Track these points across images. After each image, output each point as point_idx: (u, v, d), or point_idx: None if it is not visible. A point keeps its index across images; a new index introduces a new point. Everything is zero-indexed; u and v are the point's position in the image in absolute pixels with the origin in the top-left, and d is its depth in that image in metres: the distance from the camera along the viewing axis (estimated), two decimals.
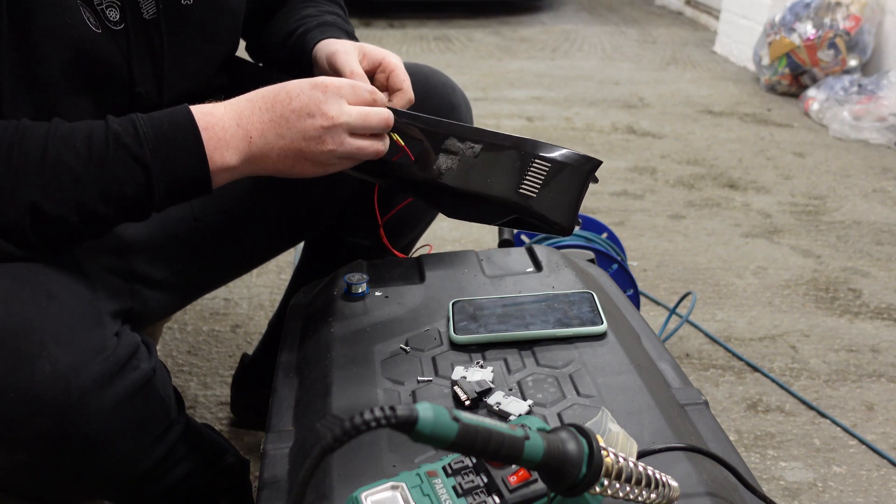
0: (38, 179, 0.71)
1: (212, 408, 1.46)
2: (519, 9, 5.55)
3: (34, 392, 0.69)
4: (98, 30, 0.82)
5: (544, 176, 0.83)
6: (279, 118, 0.77)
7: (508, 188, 0.83)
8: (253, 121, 0.77)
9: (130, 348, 0.78)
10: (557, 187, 0.83)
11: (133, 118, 0.75)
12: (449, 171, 0.86)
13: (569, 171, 0.84)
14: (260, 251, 1.15)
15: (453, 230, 2.17)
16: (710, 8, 5.09)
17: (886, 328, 1.76)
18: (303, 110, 0.77)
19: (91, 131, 0.73)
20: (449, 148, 0.86)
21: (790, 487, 1.30)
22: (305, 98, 0.77)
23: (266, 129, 0.77)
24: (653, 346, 0.90)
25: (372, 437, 0.71)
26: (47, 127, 0.73)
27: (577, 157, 0.84)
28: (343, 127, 0.78)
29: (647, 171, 2.67)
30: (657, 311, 1.81)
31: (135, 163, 0.73)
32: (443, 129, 0.86)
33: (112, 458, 0.78)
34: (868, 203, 2.45)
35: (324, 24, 1.03)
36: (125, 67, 0.85)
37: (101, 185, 0.73)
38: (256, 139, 0.77)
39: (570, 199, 0.84)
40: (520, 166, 0.83)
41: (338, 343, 0.87)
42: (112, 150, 0.73)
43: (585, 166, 0.84)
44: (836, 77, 3.25)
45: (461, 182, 0.86)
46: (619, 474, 0.55)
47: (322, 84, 0.79)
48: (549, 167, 0.83)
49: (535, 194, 0.83)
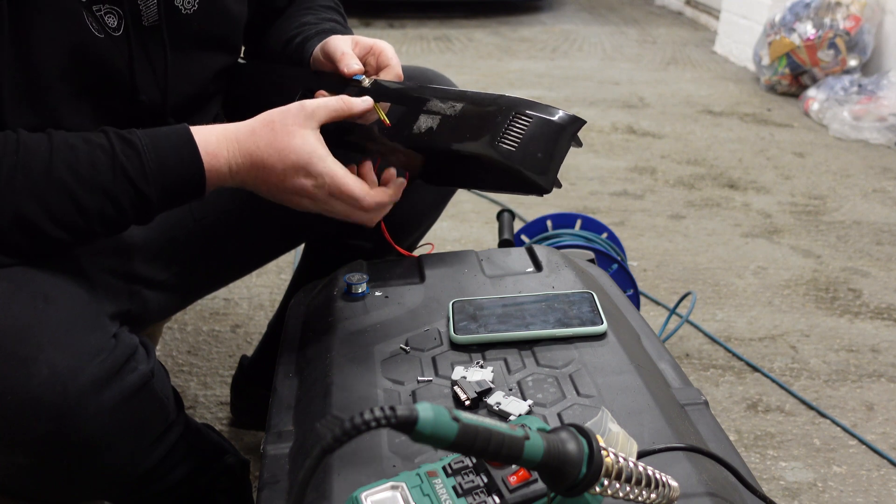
0: (41, 201, 0.72)
1: (212, 408, 1.46)
2: (519, 9, 5.55)
3: (32, 395, 0.69)
4: (100, 35, 0.82)
5: (525, 130, 0.80)
6: (271, 186, 0.81)
7: (487, 143, 0.80)
8: (249, 176, 0.81)
9: (128, 350, 0.78)
10: (538, 143, 0.80)
11: (138, 147, 0.75)
12: (428, 130, 0.83)
13: (551, 127, 0.81)
14: (260, 253, 1.15)
15: (453, 230, 2.17)
16: (710, 8, 5.09)
17: (886, 328, 1.76)
18: (294, 192, 0.81)
19: (95, 159, 0.74)
20: (430, 108, 0.84)
21: (790, 487, 1.30)
22: (298, 186, 0.80)
23: (258, 186, 0.82)
24: (653, 346, 0.90)
25: (372, 437, 0.71)
26: (49, 145, 0.73)
27: (562, 115, 0.82)
28: (325, 209, 0.82)
29: (647, 171, 2.67)
30: (657, 311, 1.81)
31: (138, 197, 0.76)
32: (426, 93, 0.85)
33: (111, 460, 0.78)
34: (868, 203, 2.45)
35: (322, 31, 1.03)
36: (127, 73, 0.86)
37: (104, 213, 0.75)
38: (249, 185, 0.82)
39: (550, 157, 0.81)
40: (500, 121, 0.81)
41: (338, 343, 0.87)
42: (119, 183, 0.74)
43: (568, 124, 0.82)
44: (836, 77, 3.25)
45: (441, 141, 0.83)
46: (619, 474, 0.55)
47: (308, 164, 0.80)
48: (531, 122, 0.80)
49: (515, 148, 0.80)
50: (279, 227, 1.10)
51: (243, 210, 1.04)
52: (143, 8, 0.86)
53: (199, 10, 0.91)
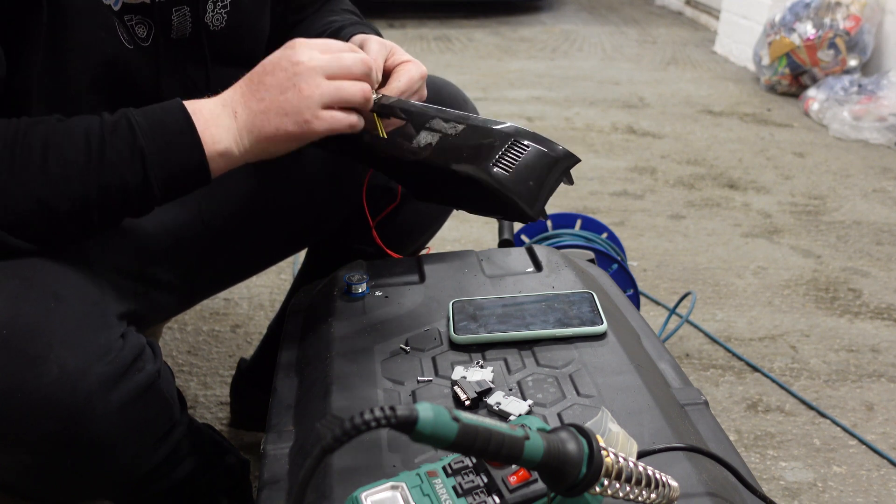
0: (42, 175, 0.72)
1: (212, 408, 1.46)
2: (519, 9, 5.55)
3: (41, 394, 0.69)
4: (130, 45, 0.82)
5: (520, 158, 0.83)
6: (256, 85, 0.79)
7: (482, 166, 0.83)
8: (235, 98, 0.79)
9: (136, 350, 0.78)
10: (531, 172, 0.83)
11: (125, 111, 0.76)
12: (427, 146, 0.85)
13: (546, 158, 0.84)
14: (266, 255, 1.15)
15: (453, 230, 2.17)
16: (710, 8, 5.09)
17: (886, 328, 1.76)
18: (275, 69, 0.78)
19: (88, 125, 0.74)
20: (433, 126, 0.86)
21: (790, 487, 1.30)
22: (276, 58, 0.79)
23: (247, 100, 0.79)
24: (653, 346, 0.90)
25: (372, 437, 0.71)
26: (46, 123, 0.74)
27: (558, 149, 0.85)
28: (316, 71, 0.78)
29: (647, 171, 2.67)
30: (657, 311, 1.81)
31: (130, 151, 0.74)
32: (430, 111, 0.87)
33: (116, 460, 0.78)
34: (868, 203, 2.45)
35: (354, 23, 1.04)
36: (154, 85, 0.86)
37: (102, 178, 0.73)
38: (241, 112, 0.79)
39: (540, 187, 0.83)
40: (497, 145, 0.83)
41: (338, 343, 0.87)
42: (108, 140, 0.73)
43: (563, 160, 0.85)
44: (836, 77, 3.25)
45: (437, 158, 0.85)
46: (619, 474, 0.55)
47: (291, 42, 0.80)
48: (527, 150, 0.83)
49: (508, 173, 0.82)
50: (285, 229, 1.10)
51: (250, 212, 1.04)
52: (175, 22, 0.87)
53: (226, 27, 0.92)
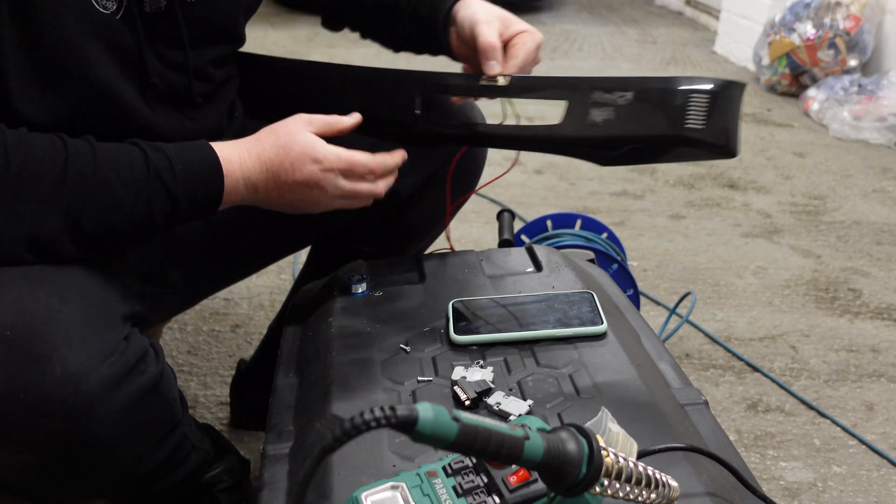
0: (88, 196, 0.75)
1: (212, 408, 1.46)
2: (519, 9, 5.51)
3: (44, 394, 0.69)
4: (105, 11, 0.81)
5: (706, 108, 0.86)
6: (282, 185, 0.86)
7: (676, 126, 0.86)
8: (260, 179, 0.85)
9: (139, 352, 0.78)
10: (720, 117, 0.86)
11: (167, 153, 0.80)
12: (606, 122, 0.88)
13: (726, 98, 0.87)
14: (268, 254, 1.15)
15: (453, 230, 2.16)
16: (710, 8, 5.09)
17: (886, 328, 1.76)
18: (294, 171, 0.85)
19: (131, 159, 0.78)
20: (597, 100, 0.89)
21: (790, 487, 1.30)
22: (298, 157, 0.85)
23: (270, 189, 0.86)
24: (653, 346, 0.90)
25: (372, 437, 0.71)
26: (91, 146, 0.77)
27: (732, 84, 0.88)
28: (334, 198, 0.88)
29: (647, 170, 2.67)
30: (657, 311, 1.81)
31: (167, 196, 0.79)
32: (582, 84, 0.90)
33: (117, 461, 0.78)
34: (868, 203, 2.45)
35: None
36: (139, 57, 0.85)
37: (135, 211, 0.78)
38: (261, 191, 0.86)
39: (732, 123, 0.88)
40: (680, 103, 0.86)
41: (338, 343, 0.87)
42: (152, 180, 0.78)
43: (736, 90, 0.88)
44: (836, 77, 3.25)
45: (623, 130, 0.88)
46: (619, 474, 0.55)
47: (312, 145, 0.86)
48: (709, 98, 0.86)
49: (703, 126, 0.86)
50: (287, 227, 1.10)
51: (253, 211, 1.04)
52: None
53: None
